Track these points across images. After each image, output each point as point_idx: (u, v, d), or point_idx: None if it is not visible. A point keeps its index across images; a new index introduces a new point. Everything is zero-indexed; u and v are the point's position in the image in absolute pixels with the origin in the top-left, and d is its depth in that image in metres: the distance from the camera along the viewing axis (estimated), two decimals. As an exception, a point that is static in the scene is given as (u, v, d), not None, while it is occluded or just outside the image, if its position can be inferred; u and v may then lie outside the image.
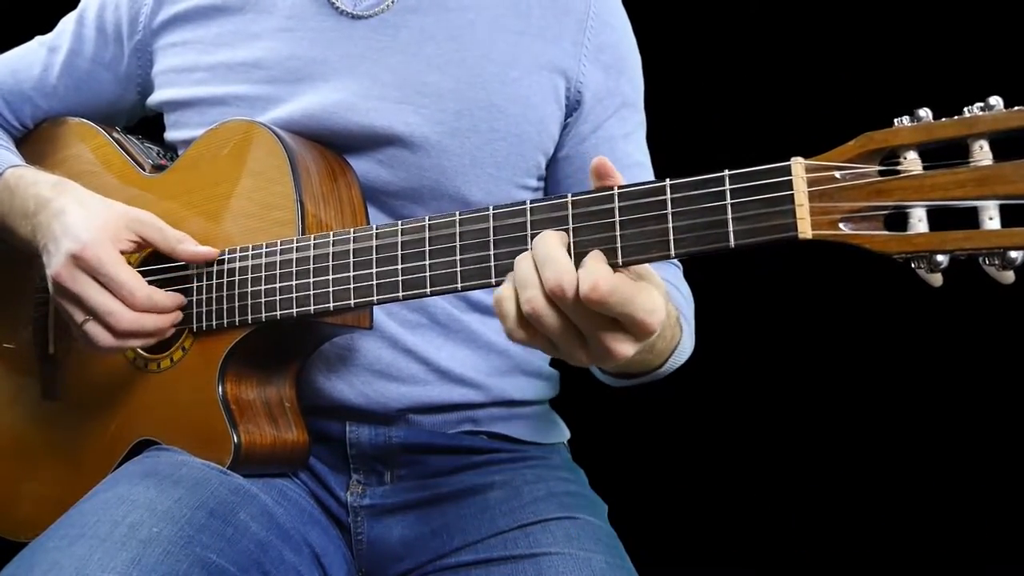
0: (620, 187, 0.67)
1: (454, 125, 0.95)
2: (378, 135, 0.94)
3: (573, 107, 1.01)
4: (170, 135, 1.04)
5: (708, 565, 1.64)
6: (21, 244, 0.95)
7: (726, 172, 0.64)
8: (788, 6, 1.56)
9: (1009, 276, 0.58)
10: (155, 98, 1.05)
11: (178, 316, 0.91)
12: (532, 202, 0.71)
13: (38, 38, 1.13)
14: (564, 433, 1.12)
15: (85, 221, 0.88)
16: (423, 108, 0.94)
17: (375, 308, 0.92)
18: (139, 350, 0.95)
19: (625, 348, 0.64)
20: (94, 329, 0.88)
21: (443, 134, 0.94)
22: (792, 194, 0.61)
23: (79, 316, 0.88)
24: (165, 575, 0.72)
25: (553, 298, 0.63)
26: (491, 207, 0.73)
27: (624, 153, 1.03)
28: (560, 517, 0.94)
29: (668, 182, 0.66)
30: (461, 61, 0.96)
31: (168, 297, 0.90)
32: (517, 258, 0.67)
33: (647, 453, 1.66)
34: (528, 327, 0.66)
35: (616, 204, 0.67)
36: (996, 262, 0.57)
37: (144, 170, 1.02)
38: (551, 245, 0.65)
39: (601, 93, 1.01)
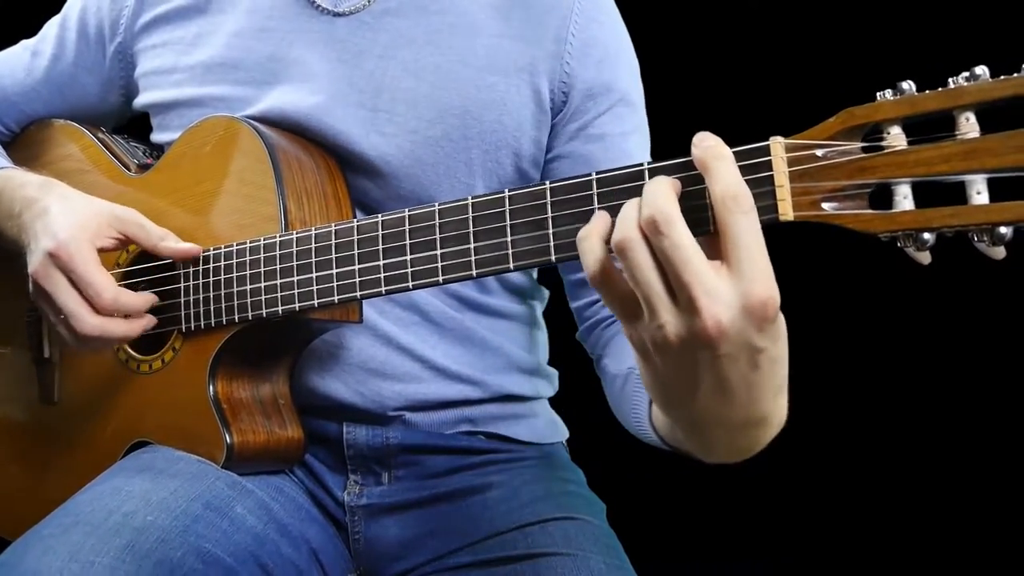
0: (598, 172, 0.66)
1: (427, 134, 0.93)
2: (352, 143, 0.93)
3: (559, 107, 0.98)
4: (155, 137, 1.04)
5: (708, 565, 1.61)
6: (9, 245, 0.95)
7: (705, 154, 0.62)
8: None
9: (1000, 252, 0.55)
10: (139, 101, 1.05)
11: (150, 320, 0.90)
12: (511, 190, 0.70)
13: (23, 42, 1.13)
14: (563, 432, 1.10)
15: (65, 219, 0.88)
16: (397, 116, 0.93)
17: (366, 305, 0.91)
18: (131, 352, 0.95)
19: (723, 311, 0.53)
20: (62, 329, 0.88)
21: (416, 143, 0.93)
22: (772, 175, 0.59)
23: (52, 314, 0.89)
24: (159, 562, 0.72)
25: (646, 226, 0.55)
26: (470, 197, 0.72)
27: (621, 152, 0.97)
28: (559, 517, 0.93)
29: (646, 166, 0.64)
30: (436, 66, 0.94)
31: (137, 298, 0.89)
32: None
33: (646, 453, 1.63)
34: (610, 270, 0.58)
35: (595, 191, 0.66)
36: (985, 238, 0.55)
37: (129, 170, 1.02)
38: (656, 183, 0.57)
39: (594, 89, 0.97)
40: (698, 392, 0.57)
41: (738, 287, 0.54)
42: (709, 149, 0.57)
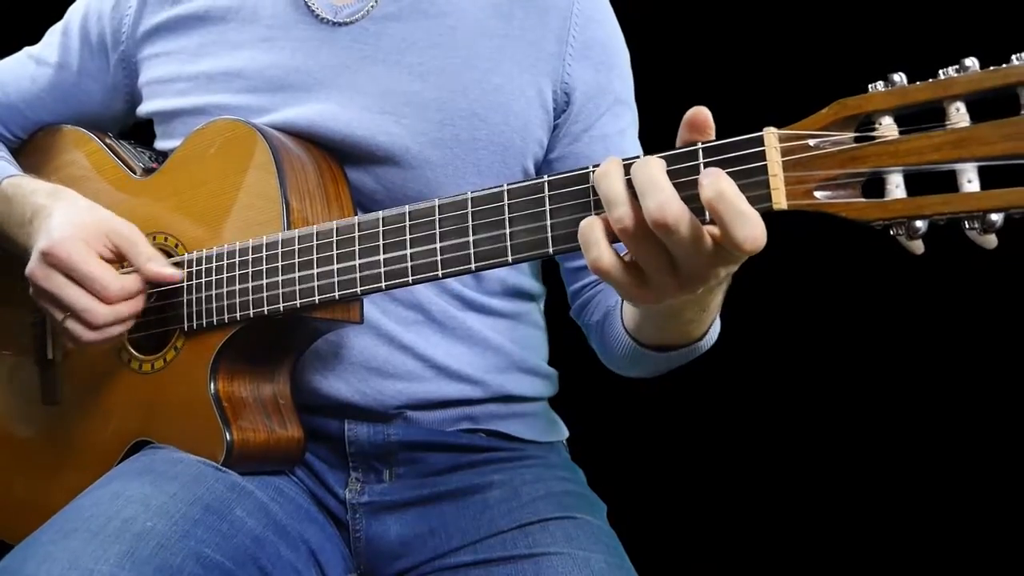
0: (594, 165, 0.67)
1: (436, 136, 0.94)
2: (360, 147, 0.94)
3: (562, 108, 0.99)
4: (159, 145, 1.05)
5: (708, 565, 1.60)
6: (20, 252, 0.96)
7: (699, 145, 0.63)
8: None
9: (991, 240, 0.56)
10: (143, 109, 1.06)
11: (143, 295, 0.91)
12: (509, 185, 0.71)
13: (26, 49, 1.14)
14: (563, 432, 1.11)
15: (62, 221, 0.89)
16: (405, 119, 0.94)
17: (368, 305, 0.92)
18: (133, 351, 0.96)
19: (717, 269, 0.64)
20: (73, 326, 0.88)
21: (424, 145, 0.94)
22: (765, 164, 0.60)
23: (58, 314, 0.89)
24: (159, 568, 0.72)
25: (656, 228, 0.59)
26: (469, 192, 0.73)
27: (619, 151, 1.01)
28: (559, 517, 0.93)
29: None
30: (442, 70, 0.95)
31: (137, 281, 0.90)
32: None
33: (647, 453, 1.63)
34: (614, 255, 0.64)
35: (592, 183, 0.67)
36: (977, 225, 0.55)
37: (135, 174, 1.03)
38: (655, 170, 0.61)
39: (592, 91, 0.99)
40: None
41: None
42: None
